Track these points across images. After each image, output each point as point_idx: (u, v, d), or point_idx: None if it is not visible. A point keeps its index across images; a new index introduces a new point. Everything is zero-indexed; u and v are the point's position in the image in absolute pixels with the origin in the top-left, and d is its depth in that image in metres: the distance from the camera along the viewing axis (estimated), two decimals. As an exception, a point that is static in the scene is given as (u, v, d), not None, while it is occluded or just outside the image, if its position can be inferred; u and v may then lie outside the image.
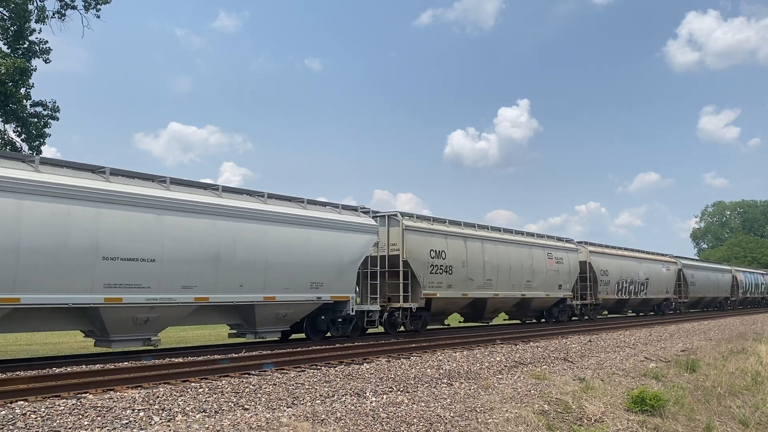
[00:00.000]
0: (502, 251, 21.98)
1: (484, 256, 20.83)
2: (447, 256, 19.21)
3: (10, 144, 22.92)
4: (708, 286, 41.13)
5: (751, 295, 51.23)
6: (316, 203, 16.39)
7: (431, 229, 19.22)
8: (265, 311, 14.23)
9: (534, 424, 8.70)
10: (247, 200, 14.34)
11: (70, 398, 7.73)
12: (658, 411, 10.39)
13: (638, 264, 32.18)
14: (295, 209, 15.27)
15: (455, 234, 20.08)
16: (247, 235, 13.74)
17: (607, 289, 28.86)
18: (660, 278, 34.34)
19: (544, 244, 24.93)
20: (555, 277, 24.86)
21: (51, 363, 11.08)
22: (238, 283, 13.42)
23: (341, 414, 7.81)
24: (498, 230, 22.79)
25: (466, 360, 13.03)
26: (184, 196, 12.82)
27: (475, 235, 20.97)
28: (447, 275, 19.16)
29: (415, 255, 18.13)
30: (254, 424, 7.03)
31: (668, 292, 35.45)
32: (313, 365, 11.38)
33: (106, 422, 6.81)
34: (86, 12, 24.42)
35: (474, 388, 10.19)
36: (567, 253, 26.11)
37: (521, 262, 22.81)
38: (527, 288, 23.11)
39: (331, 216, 16.07)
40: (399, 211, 18.67)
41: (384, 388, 9.77)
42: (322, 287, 15.29)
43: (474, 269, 20.31)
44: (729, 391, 13.34)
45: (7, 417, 6.64)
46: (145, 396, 7.98)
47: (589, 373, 12.51)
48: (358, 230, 16.66)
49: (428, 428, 7.85)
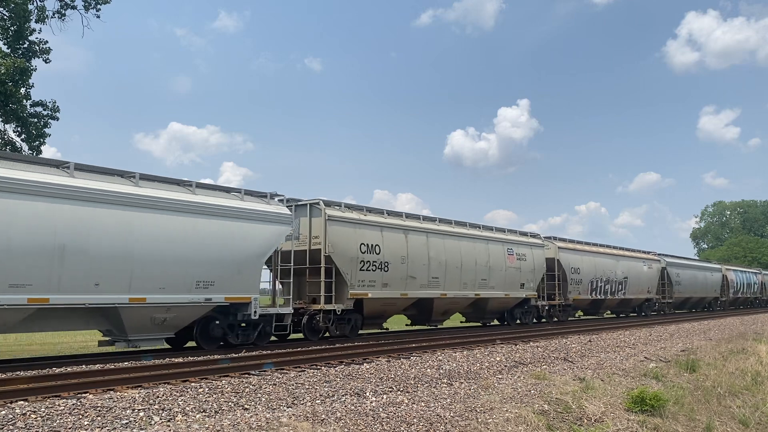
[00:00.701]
0: (451, 246, 19.77)
1: (429, 252, 18.69)
2: (382, 250, 17.07)
3: (10, 144, 22.92)
4: (695, 286, 39.02)
5: (743, 295, 48.94)
6: (211, 188, 14.13)
7: (362, 220, 16.91)
8: (135, 315, 11.90)
9: (534, 424, 8.70)
10: (108, 181, 11.95)
11: (70, 398, 7.73)
12: (658, 411, 10.39)
13: (615, 261, 29.97)
14: (175, 193, 12.80)
15: (393, 226, 17.84)
16: (106, 222, 11.40)
17: (578, 288, 26.59)
18: (640, 277, 32.14)
19: (504, 238, 22.63)
20: (516, 275, 22.65)
21: (51, 363, 11.07)
22: (92, 281, 11.13)
23: (341, 414, 7.81)
24: (448, 223, 20.68)
25: (466, 360, 13.03)
26: (12, 173, 10.42)
27: (418, 227, 18.76)
28: (382, 273, 17.01)
29: (341, 249, 16.00)
30: (254, 424, 7.03)
31: (650, 292, 33.30)
32: (313, 365, 11.38)
33: (106, 422, 6.81)
34: (86, 12, 24.42)
35: (474, 388, 10.19)
36: (531, 249, 23.85)
37: (475, 259, 20.66)
38: (483, 287, 20.93)
39: (227, 203, 13.68)
40: (322, 199, 16.38)
41: (384, 388, 9.77)
42: (213, 287, 12.94)
43: (416, 266, 18.18)
44: (729, 391, 13.33)
45: (7, 417, 6.64)
46: (145, 396, 7.98)
47: (589, 373, 12.51)
48: (265, 220, 14.24)
49: (428, 428, 7.85)
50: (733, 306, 47.52)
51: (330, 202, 16.68)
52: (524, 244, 23.67)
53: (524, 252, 23.35)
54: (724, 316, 36.79)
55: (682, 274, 37.00)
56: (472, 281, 20.48)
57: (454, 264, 19.68)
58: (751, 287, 50.45)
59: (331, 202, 16.73)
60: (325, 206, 16.16)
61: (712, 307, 43.33)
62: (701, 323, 28.34)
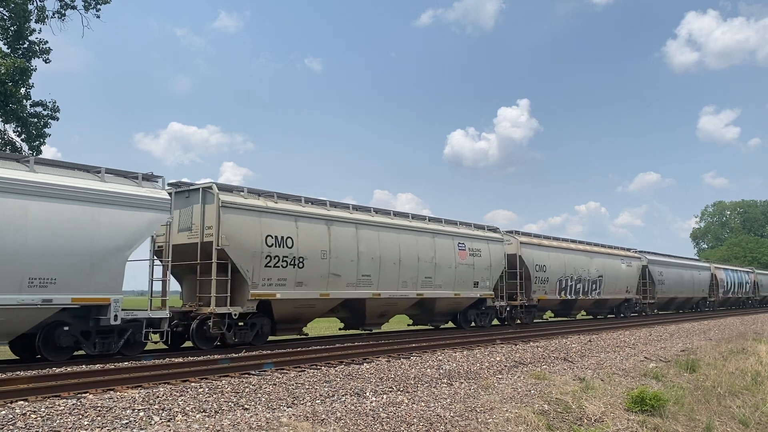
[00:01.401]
0: (388, 240, 17.46)
1: (358, 246, 16.33)
2: (296, 244, 14.72)
3: (10, 144, 22.93)
4: (681, 285, 36.48)
5: (734, 295, 46.23)
6: (58, 165, 11.66)
7: (269, 208, 14.50)
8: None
9: (534, 424, 8.70)
10: None
11: (70, 398, 7.74)
12: (658, 411, 10.40)
13: (588, 259, 27.45)
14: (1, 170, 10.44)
15: (312, 216, 15.42)
16: None
17: (544, 287, 24.19)
18: (618, 275, 29.71)
19: (454, 232, 20.29)
20: (469, 272, 20.37)
21: (51, 363, 11.07)
22: None
23: (341, 414, 7.81)
24: (386, 213, 18.35)
25: (466, 360, 13.03)
26: None
27: (345, 218, 16.33)
28: (295, 270, 14.64)
29: (239, 242, 13.64)
30: (254, 424, 7.04)
31: (629, 291, 30.86)
32: (313, 365, 11.38)
33: (106, 422, 6.81)
34: (86, 12, 24.48)
35: (474, 388, 10.19)
36: (488, 243, 21.59)
37: (418, 254, 18.36)
38: (427, 286, 18.61)
39: (77, 183, 11.31)
40: (215, 182, 14.06)
41: (384, 388, 9.77)
42: (53, 285, 10.65)
43: (341, 262, 15.81)
44: (729, 391, 13.34)
45: (7, 417, 6.65)
46: (145, 396, 7.98)
47: (589, 373, 12.52)
48: (132, 205, 11.87)
49: (428, 428, 7.85)
50: (723, 307, 45.43)
51: (227, 186, 14.39)
52: (479, 238, 21.34)
53: (479, 247, 21.04)
54: (724, 316, 36.65)
55: (666, 273, 34.80)
56: (414, 279, 18.16)
57: (391, 260, 17.37)
58: (743, 287, 48.00)
59: (230, 187, 14.45)
60: (219, 191, 13.78)
61: (700, 308, 41.07)
62: (701, 323, 28.35)
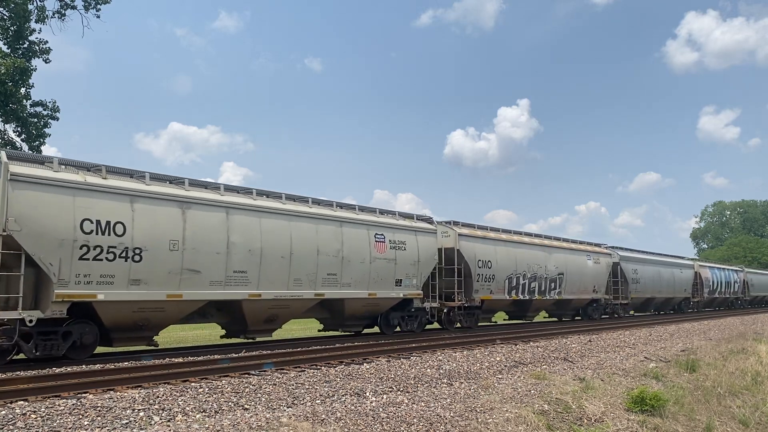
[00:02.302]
0: (274, 228, 14.15)
1: (229, 235, 13.17)
2: (130, 231, 11.62)
3: (10, 144, 22.93)
4: (659, 285, 33.33)
5: (721, 295, 42.66)
6: None
7: (88, 184, 11.28)
8: None
9: (534, 424, 8.70)
10: None
11: (70, 398, 7.73)
12: (658, 411, 10.40)
13: (546, 254, 24.24)
14: None
15: (157, 196, 12.22)
16: None
17: (490, 286, 21.03)
18: (583, 273, 26.53)
19: (369, 221, 16.94)
20: (389, 268, 17.12)
21: (51, 363, 11.06)
22: None
23: (341, 414, 7.81)
24: (277, 197, 14.93)
25: (466, 360, 13.03)
26: None
27: (209, 200, 13.03)
28: (129, 264, 11.57)
29: (37, 227, 10.49)
30: (254, 424, 7.04)
31: (597, 291, 27.69)
32: (313, 365, 11.38)
33: (106, 422, 6.81)
34: (86, 12, 24.52)
35: (474, 388, 10.19)
36: (415, 235, 18.28)
37: (317, 246, 15.04)
38: (331, 285, 15.39)
39: None
40: (5, 150, 11.26)
41: (384, 388, 9.77)
42: None
43: (201, 255, 12.64)
44: (729, 391, 13.34)
45: (7, 417, 6.65)
46: (145, 396, 7.98)
47: (589, 372, 12.51)
48: None
49: (428, 428, 7.85)
50: (708, 307, 42.54)
51: (22, 156, 11.64)
52: (404, 229, 17.99)
53: (404, 239, 17.76)
54: (724, 315, 36.56)
55: (642, 271, 31.66)
56: (311, 277, 14.89)
57: (278, 253, 14.14)
58: (731, 286, 44.17)
59: (32, 157, 11.77)
60: (9, 160, 10.67)
61: (683, 310, 38.01)
62: (701, 323, 28.36)
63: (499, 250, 21.87)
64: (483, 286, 20.78)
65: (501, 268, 21.60)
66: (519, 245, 23.19)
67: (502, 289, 21.66)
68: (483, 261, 20.86)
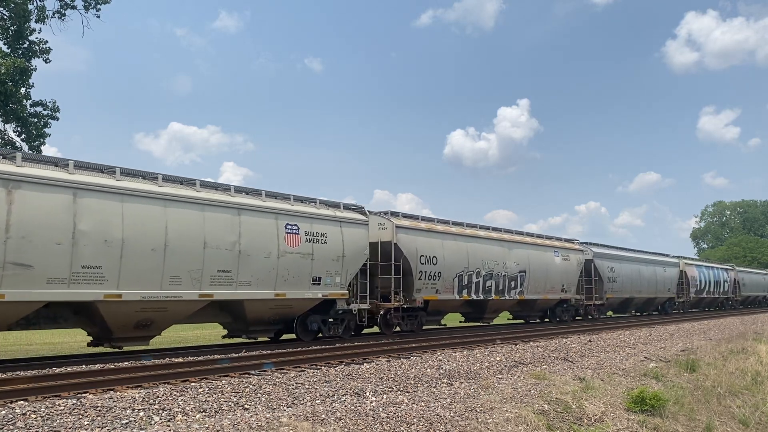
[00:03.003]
0: (142, 215, 11.84)
1: (76, 222, 10.85)
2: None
3: (10, 144, 22.93)
4: (639, 284, 30.87)
5: (710, 295, 39.95)
6: None
7: None
8: None
9: (534, 424, 8.70)
10: None
11: (70, 398, 7.73)
12: (658, 411, 10.40)
13: (505, 250, 21.66)
14: None
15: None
16: None
17: (435, 285, 18.41)
18: (549, 271, 23.87)
19: (279, 209, 14.52)
20: (304, 265, 14.77)
21: (51, 363, 11.07)
22: None
23: (341, 414, 7.81)
24: (153, 178, 12.64)
25: (466, 360, 13.03)
26: None
27: (47, 179, 10.64)
28: None
29: None
30: (254, 424, 7.04)
31: (566, 291, 25.02)
32: (313, 365, 11.38)
33: (106, 422, 6.81)
34: (86, 12, 24.47)
35: (474, 388, 10.19)
36: (340, 226, 15.88)
37: (204, 237, 12.71)
38: (224, 283, 13.07)
39: None
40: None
41: (384, 387, 9.77)
42: None
43: (35, 246, 10.35)
44: (729, 391, 13.34)
45: (7, 417, 6.64)
46: (145, 396, 7.98)
47: (589, 372, 12.51)
48: None
49: (428, 428, 7.85)
50: (695, 308, 40.06)
51: None
52: (323, 219, 15.60)
53: (324, 231, 15.45)
54: (724, 315, 36.45)
55: (619, 269, 29.12)
56: (196, 274, 12.58)
57: (146, 245, 11.80)
58: (720, 286, 41.14)
59: None
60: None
61: (667, 311, 35.45)
62: (701, 323, 28.36)
63: (447, 244, 19.20)
64: (427, 285, 18.17)
65: (449, 265, 18.97)
66: (471, 239, 20.42)
67: (450, 289, 19.06)
68: (427, 257, 18.25)
